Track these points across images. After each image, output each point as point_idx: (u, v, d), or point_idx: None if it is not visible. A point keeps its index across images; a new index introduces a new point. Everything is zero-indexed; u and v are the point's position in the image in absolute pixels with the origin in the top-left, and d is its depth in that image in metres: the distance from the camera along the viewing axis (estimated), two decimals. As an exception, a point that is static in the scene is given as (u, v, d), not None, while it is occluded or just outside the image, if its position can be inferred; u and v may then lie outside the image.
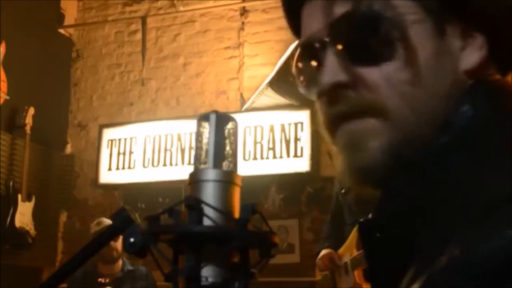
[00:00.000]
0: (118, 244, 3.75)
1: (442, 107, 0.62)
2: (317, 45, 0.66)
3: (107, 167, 5.19)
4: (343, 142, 0.66)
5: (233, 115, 0.69)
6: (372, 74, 0.63)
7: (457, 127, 0.61)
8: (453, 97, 0.63)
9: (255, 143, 4.75)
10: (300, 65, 0.71)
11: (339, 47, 0.64)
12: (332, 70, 0.64)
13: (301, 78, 0.72)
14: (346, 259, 3.22)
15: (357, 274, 3.17)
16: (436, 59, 0.63)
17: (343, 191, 3.40)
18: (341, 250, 3.28)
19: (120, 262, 3.92)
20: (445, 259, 0.50)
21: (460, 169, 0.58)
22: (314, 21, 0.68)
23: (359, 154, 0.64)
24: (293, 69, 0.73)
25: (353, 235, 3.22)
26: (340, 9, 0.65)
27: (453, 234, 0.52)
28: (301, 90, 0.74)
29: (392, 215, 0.65)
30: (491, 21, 0.65)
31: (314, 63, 0.68)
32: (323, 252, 3.32)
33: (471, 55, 0.65)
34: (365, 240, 0.70)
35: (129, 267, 3.93)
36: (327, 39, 0.65)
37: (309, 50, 0.68)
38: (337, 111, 0.65)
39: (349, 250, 3.23)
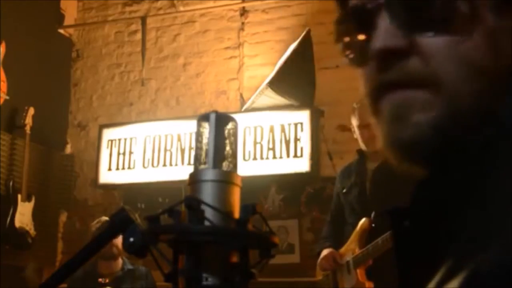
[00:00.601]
0: (118, 241, 3.74)
1: (496, 89, 0.59)
2: (369, 6, 0.62)
3: (107, 167, 5.18)
4: (388, 112, 0.62)
5: (233, 115, 0.69)
6: (429, 43, 0.59)
7: (507, 115, 0.58)
8: (506, 81, 0.59)
9: (255, 143, 4.75)
10: (345, 28, 0.66)
11: (396, 10, 0.60)
12: (386, 34, 0.60)
13: (346, 42, 0.67)
14: (348, 258, 3.22)
15: (360, 273, 3.17)
16: (497, 37, 0.60)
17: (344, 190, 3.40)
18: (342, 249, 3.28)
19: (120, 261, 3.91)
20: (494, 255, 0.47)
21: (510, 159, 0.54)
22: None
23: (404, 126, 0.60)
24: (336, 33, 0.68)
25: (355, 234, 3.22)
26: None
27: (501, 228, 0.49)
28: (345, 56, 0.69)
29: (432, 201, 0.61)
30: None
31: (364, 27, 0.63)
32: (325, 251, 3.32)
33: None
34: (395, 229, 0.66)
35: (129, 267, 3.93)
36: (382, 1, 0.61)
37: (359, 13, 0.63)
38: (387, 78, 0.61)
39: (351, 249, 3.23)
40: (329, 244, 3.36)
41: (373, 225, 3.15)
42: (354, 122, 3.33)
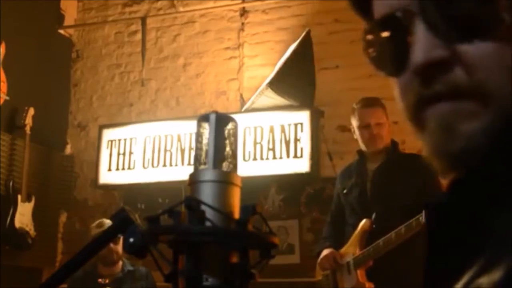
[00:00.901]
0: (119, 247, 3.74)
1: None
2: (400, 15, 0.59)
3: (107, 167, 5.18)
4: (435, 123, 0.60)
5: (233, 116, 0.69)
6: (473, 52, 0.56)
7: None
8: None
9: (255, 143, 4.74)
10: (377, 38, 0.64)
11: (433, 18, 0.57)
12: (427, 45, 0.57)
13: (377, 54, 0.65)
14: (349, 258, 3.22)
15: (360, 273, 3.17)
16: None
17: (344, 191, 3.40)
18: (342, 250, 3.28)
19: (120, 262, 3.91)
20: None
21: None
22: None
23: (453, 137, 0.58)
24: (365, 44, 0.65)
25: (355, 235, 3.22)
26: None
27: None
28: (376, 66, 0.66)
29: (471, 199, 0.60)
30: None
31: (397, 37, 0.60)
32: (325, 251, 3.32)
33: None
34: (430, 223, 0.65)
35: (129, 268, 3.93)
36: (416, 10, 0.58)
37: (390, 23, 0.61)
38: (431, 91, 0.59)
39: (352, 249, 3.23)
40: (329, 244, 3.36)
41: (373, 226, 3.15)
42: (354, 122, 3.33)
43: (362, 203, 3.27)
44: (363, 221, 3.18)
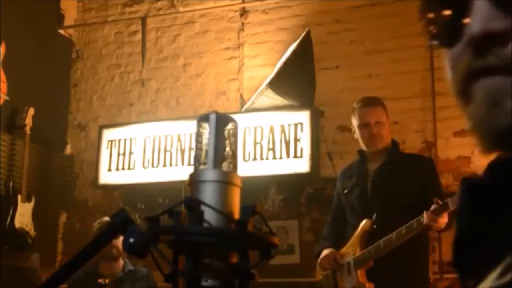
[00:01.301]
0: (119, 241, 3.74)
1: None
2: None
3: (107, 167, 5.18)
4: (483, 97, 0.58)
5: (233, 116, 0.69)
6: None
7: None
8: None
9: (255, 143, 4.74)
10: (433, 3, 0.63)
11: None
12: (485, 16, 0.57)
13: (432, 20, 0.63)
14: (349, 258, 3.22)
15: (360, 274, 3.17)
16: None
17: (345, 191, 3.39)
18: (343, 250, 3.28)
19: (121, 262, 3.91)
20: None
21: None
22: None
23: (501, 113, 0.57)
24: (422, 8, 0.64)
25: (356, 235, 3.21)
26: None
27: None
28: (429, 35, 0.65)
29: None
30: None
31: (456, 4, 0.60)
32: (326, 251, 3.32)
33: None
34: (463, 201, 0.63)
35: (130, 267, 3.93)
36: None
37: None
38: (485, 63, 0.58)
39: (352, 249, 3.22)
40: (329, 244, 3.35)
41: (374, 226, 3.15)
42: (354, 122, 3.33)
43: (362, 203, 3.27)
44: (364, 221, 3.18)
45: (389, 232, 3.02)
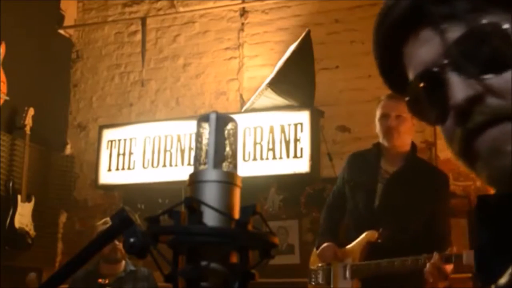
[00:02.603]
0: (119, 246, 3.74)
1: None
2: (437, 69, 0.70)
3: (107, 167, 5.18)
4: (486, 150, 0.68)
5: (233, 116, 0.69)
6: (499, 81, 0.66)
7: None
8: None
9: (255, 143, 4.74)
10: (420, 95, 0.74)
11: (462, 64, 0.68)
12: (462, 86, 0.68)
13: (423, 107, 0.75)
14: (347, 261, 3.17)
15: (355, 283, 3.13)
16: None
17: (351, 183, 3.26)
18: (344, 249, 3.22)
19: (123, 262, 3.91)
20: None
21: None
22: (425, 50, 0.72)
23: (503, 157, 0.66)
24: (411, 103, 0.76)
25: (359, 242, 3.13)
26: (453, 34, 0.69)
27: None
28: (422, 119, 0.77)
29: None
30: None
31: (437, 89, 0.70)
32: (326, 244, 3.25)
33: None
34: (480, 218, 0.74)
35: (131, 268, 3.93)
36: (446, 62, 0.69)
37: (428, 78, 0.72)
38: (476, 122, 0.68)
39: (353, 255, 3.16)
40: (328, 239, 3.29)
41: (379, 240, 3.07)
42: (377, 114, 3.15)
43: (368, 206, 3.14)
44: (370, 232, 3.08)
45: (394, 250, 2.94)
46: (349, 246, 3.20)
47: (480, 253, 0.74)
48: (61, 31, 5.78)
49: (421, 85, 0.73)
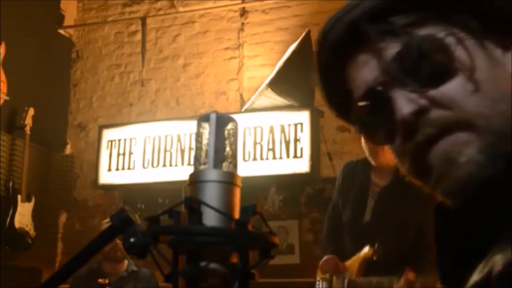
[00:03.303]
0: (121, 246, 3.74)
1: None
2: (379, 88, 0.70)
3: (107, 167, 5.18)
4: (439, 160, 0.67)
5: (233, 116, 0.69)
6: (442, 93, 0.67)
7: None
8: None
9: (255, 143, 4.74)
10: (366, 116, 0.73)
11: (403, 79, 0.68)
12: (405, 102, 0.68)
13: (371, 128, 0.75)
14: (347, 276, 3.18)
15: None
16: (489, 64, 0.68)
17: (343, 197, 3.30)
18: (346, 263, 3.23)
19: (125, 262, 3.92)
20: None
21: None
22: (366, 71, 0.72)
23: (458, 167, 0.66)
24: (358, 125, 0.76)
25: (357, 258, 3.11)
26: (391, 51, 0.70)
27: None
28: (372, 140, 0.77)
29: (484, 201, 0.66)
30: None
31: (381, 107, 0.70)
32: (327, 256, 3.28)
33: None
34: (440, 226, 0.73)
35: (133, 268, 3.93)
36: (387, 79, 0.69)
37: (372, 97, 0.71)
38: (425, 135, 0.67)
39: (352, 269, 3.16)
40: (330, 251, 3.31)
41: (374, 258, 3.06)
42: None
43: (359, 220, 3.15)
44: (367, 249, 3.05)
45: (387, 265, 2.94)
46: (349, 261, 3.20)
47: (443, 264, 0.73)
48: (61, 31, 5.78)
49: (365, 106, 0.72)
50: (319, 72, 0.79)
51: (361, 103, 0.73)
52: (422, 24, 0.70)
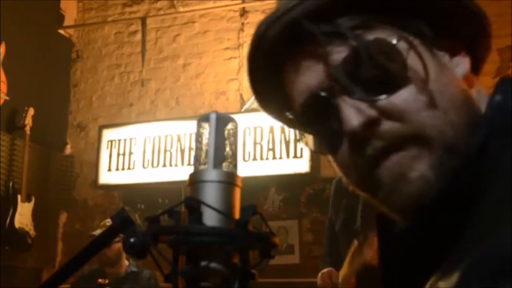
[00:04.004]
0: (112, 247, 3.70)
1: (467, 109, 0.64)
2: (324, 94, 0.65)
3: (107, 167, 5.18)
4: (389, 175, 0.63)
5: (233, 116, 0.69)
6: (393, 104, 0.62)
7: (493, 117, 0.62)
8: (471, 98, 0.65)
9: (255, 143, 4.75)
10: (307, 123, 0.69)
11: (351, 89, 0.63)
12: (354, 111, 0.63)
13: (314, 135, 0.71)
14: (340, 285, 3.21)
15: None
16: (439, 72, 0.64)
17: (336, 207, 3.34)
18: (340, 271, 3.26)
19: (125, 263, 3.90)
20: (480, 253, 0.51)
21: (504, 158, 0.58)
22: (310, 75, 0.66)
23: (408, 182, 0.62)
24: (299, 132, 0.72)
25: (346, 262, 3.16)
26: (338, 56, 0.64)
27: (494, 227, 0.52)
28: (314, 147, 0.73)
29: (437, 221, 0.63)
30: (467, 36, 0.68)
31: (327, 115, 0.65)
32: (324, 270, 3.33)
33: (462, 64, 0.68)
34: (384, 249, 0.71)
35: (133, 269, 3.91)
36: (333, 86, 0.64)
37: (315, 103, 0.66)
38: (375, 149, 0.63)
39: (344, 279, 3.20)
40: (330, 261, 3.35)
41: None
42: None
43: (347, 226, 3.17)
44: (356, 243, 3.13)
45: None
46: (342, 272, 3.22)
47: (387, 285, 0.70)
48: (61, 31, 5.78)
49: (307, 112, 0.67)
50: (250, 76, 0.73)
51: (302, 110, 0.68)
52: (370, 27, 0.64)
